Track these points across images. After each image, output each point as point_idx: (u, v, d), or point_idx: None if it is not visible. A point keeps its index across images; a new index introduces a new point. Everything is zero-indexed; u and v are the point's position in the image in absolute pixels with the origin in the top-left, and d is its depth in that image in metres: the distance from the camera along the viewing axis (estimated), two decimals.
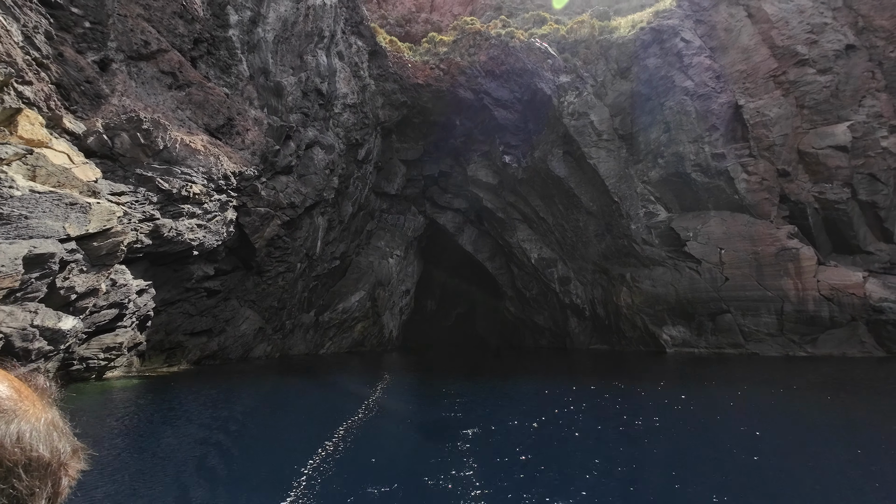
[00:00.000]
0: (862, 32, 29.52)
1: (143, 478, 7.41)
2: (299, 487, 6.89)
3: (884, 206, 27.06)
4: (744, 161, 29.08)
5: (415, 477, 7.81)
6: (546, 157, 35.56)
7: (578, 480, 7.64)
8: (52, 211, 10.23)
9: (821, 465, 8.56)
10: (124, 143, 16.61)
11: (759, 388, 16.07)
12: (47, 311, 10.93)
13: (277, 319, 27.33)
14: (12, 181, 9.48)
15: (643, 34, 32.28)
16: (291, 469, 7.68)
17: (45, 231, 10.01)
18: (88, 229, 11.36)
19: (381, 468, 8.29)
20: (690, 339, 29.79)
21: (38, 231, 9.90)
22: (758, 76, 29.82)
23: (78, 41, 19.04)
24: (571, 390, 16.14)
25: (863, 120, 27.85)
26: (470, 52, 36.90)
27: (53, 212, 10.26)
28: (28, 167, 10.48)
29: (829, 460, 8.83)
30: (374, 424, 11.23)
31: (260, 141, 24.15)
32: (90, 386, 13.66)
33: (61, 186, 11.03)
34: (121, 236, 12.63)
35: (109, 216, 12.07)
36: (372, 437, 10.21)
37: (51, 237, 10.14)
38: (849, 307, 24.99)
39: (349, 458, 8.39)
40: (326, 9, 29.38)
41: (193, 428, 10.28)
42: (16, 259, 9.37)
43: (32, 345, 10.56)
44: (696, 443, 10.10)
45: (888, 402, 13.83)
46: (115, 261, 12.75)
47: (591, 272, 37.30)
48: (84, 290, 11.87)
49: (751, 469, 8.07)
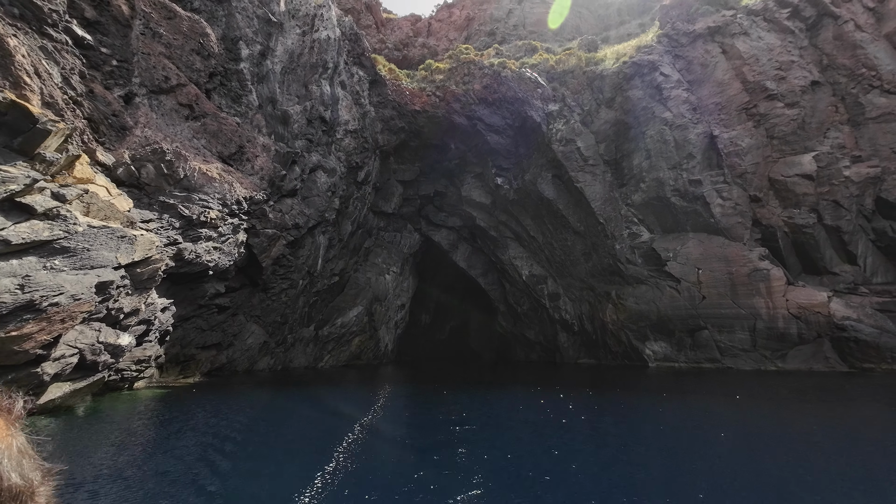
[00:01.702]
0: (826, 70, 31.97)
1: (200, 471, 8.88)
2: (317, 477, 8.41)
3: (847, 230, 29.15)
4: (719, 187, 31.18)
5: (410, 475, 9.37)
6: (536, 179, 37.57)
7: (553, 471, 9.23)
8: (106, 243, 11.79)
9: (763, 465, 10.20)
10: (150, 173, 18.25)
11: (725, 399, 17.75)
12: (108, 330, 12.48)
13: (280, 334, 28.76)
14: (75, 218, 11.04)
15: (626, 67, 34.57)
16: (304, 468, 9.20)
17: (102, 261, 11.55)
18: (134, 258, 12.92)
19: (382, 469, 9.84)
20: (671, 354, 31.53)
21: (98, 261, 11.43)
22: (731, 108, 32.12)
23: (106, 78, 20.77)
24: (560, 400, 17.74)
25: (827, 150, 30.11)
26: (465, 80, 39.05)
27: (108, 244, 11.82)
28: (84, 204, 12.05)
29: (773, 459, 10.47)
30: (377, 431, 12.76)
31: (268, 166, 25.88)
32: (125, 395, 15.13)
33: (108, 219, 12.59)
34: (159, 263, 14.22)
35: (150, 246, 13.67)
36: (374, 440, 11.74)
37: (107, 266, 11.67)
38: (815, 325, 26.89)
39: (359, 454, 9.93)
40: (331, 42, 31.40)
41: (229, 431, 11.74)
42: (90, 287, 10.97)
43: (100, 358, 12.18)
44: (664, 444, 11.72)
45: (842, 411, 15.52)
46: (154, 284, 14.33)
47: (580, 289, 39.10)
48: (129, 310, 13.42)
49: (705, 464, 9.71)
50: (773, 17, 33.32)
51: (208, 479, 8.32)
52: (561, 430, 12.84)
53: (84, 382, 12.42)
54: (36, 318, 9.66)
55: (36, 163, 10.53)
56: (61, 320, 10.15)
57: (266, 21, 28.92)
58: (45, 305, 9.78)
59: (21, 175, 9.83)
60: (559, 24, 64.77)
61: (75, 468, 8.26)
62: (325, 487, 7.81)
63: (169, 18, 23.43)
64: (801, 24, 33.06)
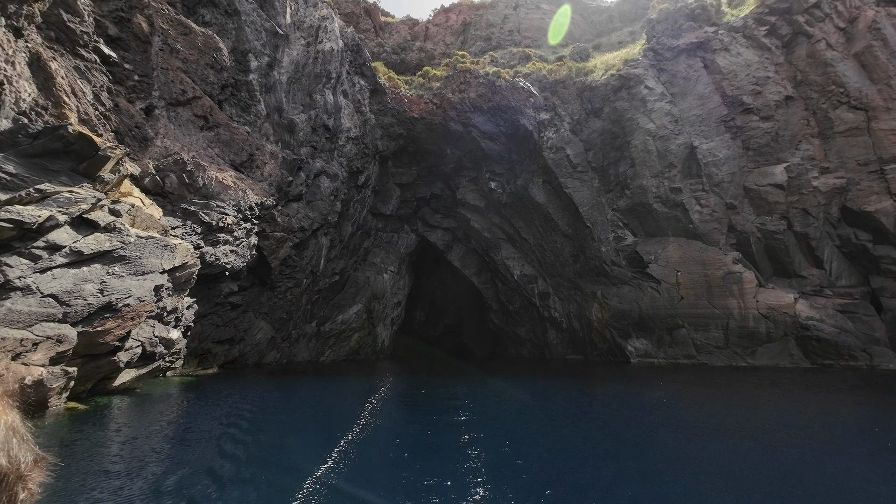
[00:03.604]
0: (799, 85, 34.13)
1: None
2: (335, 451, 10.30)
3: (814, 236, 31.38)
4: (697, 195, 33.30)
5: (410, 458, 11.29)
6: (527, 184, 39.54)
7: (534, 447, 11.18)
8: (153, 251, 13.54)
9: (712, 444, 12.21)
10: (172, 182, 19.95)
11: (693, 389, 19.86)
12: (160, 325, 14.35)
13: (285, 329, 30.56)
14: (127, 230, 12.75)
15: (613, 80, 36.54)
16: (320, 444, 11.12)
17: (151, 267, 13.31)
18: (175, 264, 14.67)
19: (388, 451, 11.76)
20: (651, 351, 33.71)
21: (147, 267, 13.19)
22: (711, 121, 34.21)
23: (129, 92, 22.41)
24: (546, 390, 19.77)
25: (798, 162, 32.29)
26: (461, 88, 40.86)
27: (154, 252, 13.57)
28: (131, 217, 13.75)
29: (723, 442, 12.49)
30: (383, 420, 14.68)
31: (276, 173, 27.61)
32: (161, 381, 17.29)
33: (149, 229, 14.33)
34: (193, 268, 16.00)
35: (187, 253, 15.44)
36: (380, 427, 13.64)
37: (155, 271, 13.45)
38: (782, 324, 29.12)
39: (375, 430, 11.83)
40: (334, 53, 33.08)
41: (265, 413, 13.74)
42: (150, 290, 12.81)
43: (156, 349, 14.10)
44: (638, 426, 13.73)
45: (791, 397, 17.64)
46: (189, 286, 16.15)
47: (568, 289, 41.19)
48: (171, 308, 15.23)
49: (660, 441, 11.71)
50: (752, 33, 35.41)
51: (248, 433, 10.27)
52: (544, 413, 14.83)
53: (146, 369, 14.50)
54: (113, 317, 11.49)
55: (97, 183, 12.23)
56: (131, 318, 11.96)
57: (273, 34, 30.54)
58: (120, 306, 11.63)
59: (88, 196, 11.56)
60: (558, 40, 65.63)
61: (168, 426, 11.00)
62: (349, 446, 9.72)
63: (185, 34, 25.04)
64: (778, 42, 35.18)
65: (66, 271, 10.66)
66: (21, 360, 9.35)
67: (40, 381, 9.72)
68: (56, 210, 10.56)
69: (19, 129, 10.58)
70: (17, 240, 9.86)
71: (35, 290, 9.97)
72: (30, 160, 10.56)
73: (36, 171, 10.58)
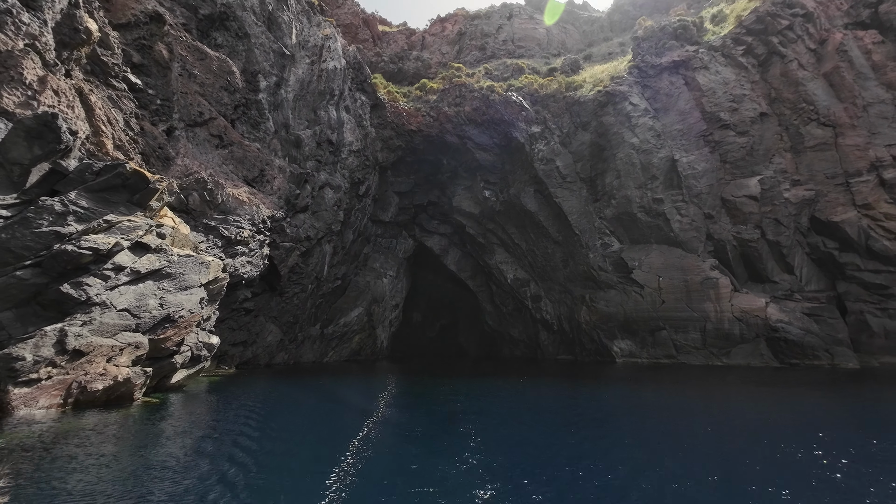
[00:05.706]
0: (773, 102, 36.51)
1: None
2: (348, 443, 12.36)
3: (786, 244, 33.74)
4: (678, 205, 35.60)
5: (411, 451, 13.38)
6: (520, 193, 41.72)
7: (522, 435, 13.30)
8: (192, 268, 15.51)
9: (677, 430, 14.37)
10: (195, 200, 21.90)
11: (667, 386, 22.08)
12: (202, 332, 16.36)
13: (292, 332, 32.56)
14: (171, 250, 14.72)
15: (600, 96, 38.77)
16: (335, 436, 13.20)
17: (191, 282, 15.31)
18: (209, 278, 16.64)
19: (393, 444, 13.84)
20: (635, 351, 35.99)
21: (188, 283, 15.17)
22: (691, 135, 36.51)
23: (152, 115, 24.33)
24: (537, 387, 21.92)
25: (771, 175, 34.65)
26: (456, 101, 42.95)
27: (193, 269, 15.54)
28: (171, 238, 15.70)
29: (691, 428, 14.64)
30: (388, 414, 16.75)
31: (284, 187, 29.60)
32: (198, 379, 19.63)
33: (184, 247, 16.28)
34: (223, 281, 17.99)
35: (218, 269, 17.41)
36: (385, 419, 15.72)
37: (195, 286, 15.44)
38: (754, 326, 31.45)
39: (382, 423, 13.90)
40: (337, 71, 35.09)
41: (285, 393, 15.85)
42: (197, 303, 14.81)
43: (202, 352, 16.18)
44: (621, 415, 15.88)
45: (760, 396, 19.87)
46: (220, 297, 18.15)
47: (559, 292, 43.43)
48: (206, 317, 17.21)
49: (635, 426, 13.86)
50: (730, 52, 37.74)
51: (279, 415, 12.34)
52: (537, 406, 16.97)
53: (194, 369, 16.70)
54: (172, 326, 13.47)
55: (147, 211, 14.19)
56: (185, 327, 13.95)
57: (280, 54, 32.51)
58: (176, 317, 13.64)
59: (143, 223, 13.52)
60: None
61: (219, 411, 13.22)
62: (361, 432, 11.81)
63: (201, 59, 26.97)
64: (754, 61, 37.54)
65: (128, 288, 12.64)
66: (112, 362, 11.32)
67: (129, 379, 12.35)
68: (120, 237, 12.52)
69: (85, 168, 12.52)
70: (91, 263, 11.81)
71: (110, 305, 11.94)
72: (96, 194, 12.49)
73: (101, 204, 12.53)
